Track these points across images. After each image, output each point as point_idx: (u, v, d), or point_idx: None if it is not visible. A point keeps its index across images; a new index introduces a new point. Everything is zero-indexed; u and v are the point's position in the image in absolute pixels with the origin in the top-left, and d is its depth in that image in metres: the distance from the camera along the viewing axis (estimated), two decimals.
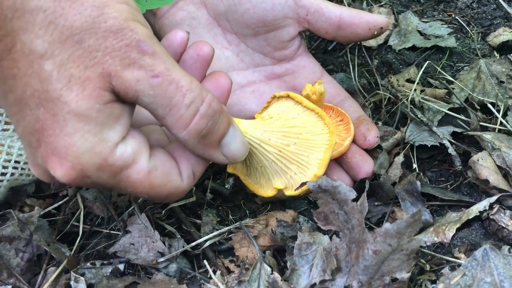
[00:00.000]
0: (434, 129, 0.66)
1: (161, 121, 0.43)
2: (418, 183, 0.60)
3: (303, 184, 0.55)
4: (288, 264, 0.53)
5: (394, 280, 0.49)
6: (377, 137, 0.63)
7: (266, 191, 0.57)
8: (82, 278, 0.53)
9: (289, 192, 0.55)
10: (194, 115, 0.42)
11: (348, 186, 0.52)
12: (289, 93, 0.59)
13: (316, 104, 0.59)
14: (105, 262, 0.56)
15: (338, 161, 0.62)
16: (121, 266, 0.56)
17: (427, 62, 0.77)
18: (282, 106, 0.59)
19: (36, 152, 0.41)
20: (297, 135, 0.55)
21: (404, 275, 0.48)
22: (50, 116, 0.39)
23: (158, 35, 0.68)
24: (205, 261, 0.56)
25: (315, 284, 0.50)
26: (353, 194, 0.51)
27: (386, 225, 0.47)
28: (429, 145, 0.66)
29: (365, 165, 0.61)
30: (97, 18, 0.38)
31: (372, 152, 0.64)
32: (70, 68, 0.38)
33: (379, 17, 0.61)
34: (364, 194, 0.50)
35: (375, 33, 0.61)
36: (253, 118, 0.60)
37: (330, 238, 0.54)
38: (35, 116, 0.39)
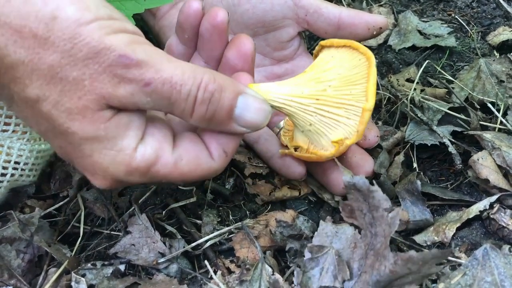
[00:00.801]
0: (434, 128, 0.66)
1: (169, 113, 0.44)
2: (419, 182, 0.60)
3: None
4: (297, 267, 0.52)
5: None
6: (378, 136, 0.63)
7: (330, 151, 0.53)
8: (83, 279, 0.53)
9: (351, 141, 0.51)
10: (194, 104, 0.43)
11: (384, 195, 0.49)
12: (322, 42, 0.55)
13: None
14: (105, 263, 0.56)
15: (338, 160, 0.62)
16: (122, 267, 0.56)
17: (427, 61, 0.77)
18: (317, 59, 0.56)
19: (75, 168, 0.46)
20: (333, 77, 0.51)
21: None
22: (68, 144, 0.42)
23: (158, 36, 0.68)
24: (206, 261, 0.56)
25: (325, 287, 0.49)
26: (387, 204, 0.49)
27: (411, 253, 0.45)
28: (429, 144, 0.66)
29: (365, 164, 0.61)
30: (72, 50, 0.39)
31: (372, 151, 0.64)
32: (65, 103, 0.40)
33: (378, 17, 0.61)
34: (399, 209, 0.48)
35: (374, 33, 0.61)
36: None
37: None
38: (58, 145, 0.43)
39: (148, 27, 0.72)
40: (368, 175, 0.61)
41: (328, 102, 0.51)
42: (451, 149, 0.64)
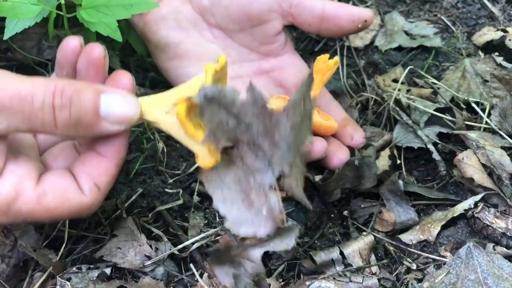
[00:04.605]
0: (419, 133, 0.66)
1: (34, 134, 0.43)
2: (401, 182, 0.60)
3: None
4: None
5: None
6: (364, 138, 0.63)
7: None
8: (68, 283, 0.53)
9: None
10: (53, 112, 0.41)
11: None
12: None
13: (322, 77, 0.59)
14: (91, 266, 0.56)
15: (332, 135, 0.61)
16: (108, 270, 0.55)
17: (412, 61, 0.77)
18: None
19: None
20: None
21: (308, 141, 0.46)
22: None
23: (143, 32, 0.67)
24: (191, 264, 0.56)
25: None
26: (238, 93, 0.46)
27: (291, 97, 0.45)
28: (415, 147, 0.66)
29: (338, 153, 0.59)
30: None
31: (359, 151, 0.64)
32: None
33: (363, 10, 0.62)
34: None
35: (359, 26, 0.61)
36: None
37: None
38: None
39: (131, 25, 0.71)
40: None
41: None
42: (435, 155, 0.64)
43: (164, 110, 0.47)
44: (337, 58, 0.59)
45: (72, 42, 0.48)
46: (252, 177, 0.46)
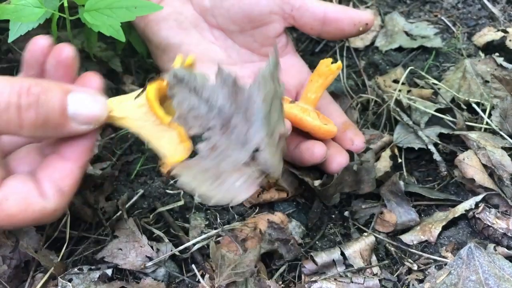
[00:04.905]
0: (420, 133, 0.66)
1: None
2: (401, 183, 0.60)
3: None
4: None
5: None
6: (364, 142, 0.63)
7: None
8: (69, 284, 0.53)
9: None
10: (19, 112, 0.40)
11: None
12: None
13: (324, 81, 0.59)
14: (92, 267, 0.56)
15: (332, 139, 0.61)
16: (109, 271, 0.56)
17: (412, 61, 0.77)
18: None
19: None
20: None
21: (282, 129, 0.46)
22: None
23: (144, 33, 0.68)
24: (193, 265, 0.56)
25: None
26: (207, 78, 0.46)
27: (260, 71, 0.46)
28: (416, 148, 0.66)
29: (337, 157, 0.59)
30: None
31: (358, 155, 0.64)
32: None
33: (364, 13, 0.61)
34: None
35: (360, 29, 0.61)
36: None
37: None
38: None
39: (132, 26, 0.71)
40: (341, 167, 0.59)
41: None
42: (436, 156, 0.64)
43: (132, 107, 0.46)
44: (340, 63, 0.60)
45: (41, 42, 0.46)
46: (224, 162, 0.45)
